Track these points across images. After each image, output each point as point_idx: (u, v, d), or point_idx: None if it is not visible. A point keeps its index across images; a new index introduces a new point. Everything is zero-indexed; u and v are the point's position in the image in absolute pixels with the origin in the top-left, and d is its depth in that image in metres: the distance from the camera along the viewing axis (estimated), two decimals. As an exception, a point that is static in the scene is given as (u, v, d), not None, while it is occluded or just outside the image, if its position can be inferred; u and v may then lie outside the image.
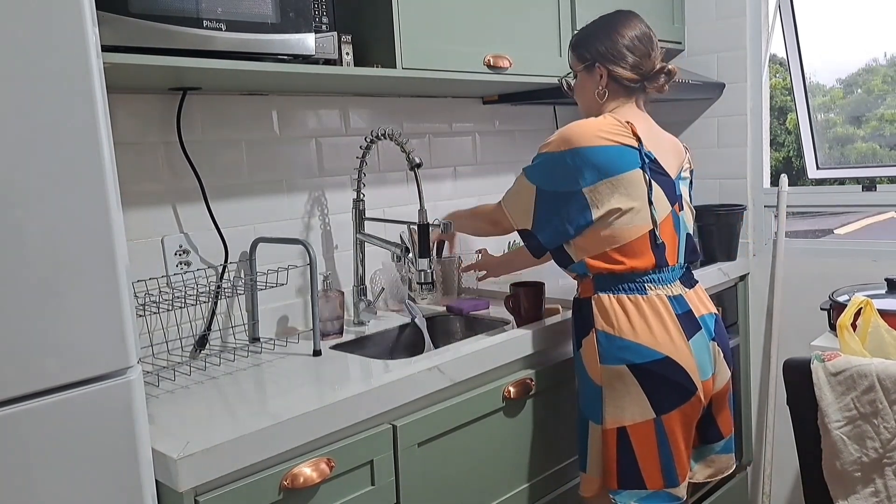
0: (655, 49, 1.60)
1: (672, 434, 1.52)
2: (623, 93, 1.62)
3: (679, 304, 1.55)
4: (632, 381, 1.51)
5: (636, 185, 1.51)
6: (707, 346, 1.56)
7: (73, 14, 0.95)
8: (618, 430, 1.53)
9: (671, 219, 1.57)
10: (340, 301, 1.82)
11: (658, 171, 1.55)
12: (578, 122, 1.55)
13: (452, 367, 1.50)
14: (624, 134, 1.53)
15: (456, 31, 1.81)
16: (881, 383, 1.56)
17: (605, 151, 1.50)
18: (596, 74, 1.62)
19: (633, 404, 1.51)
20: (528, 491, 1.70)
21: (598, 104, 1.63)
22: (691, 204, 1.68)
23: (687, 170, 1.68)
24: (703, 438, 1.66)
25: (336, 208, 1.99)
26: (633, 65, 1.58)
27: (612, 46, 1.58)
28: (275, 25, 1.44)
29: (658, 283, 1.54)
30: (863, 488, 1.61)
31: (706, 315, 1.60)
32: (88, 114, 0.97)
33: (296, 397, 1.36)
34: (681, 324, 1.52)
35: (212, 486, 1.15)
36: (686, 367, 1.51)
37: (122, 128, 1.58)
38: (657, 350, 1.50)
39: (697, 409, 1.55)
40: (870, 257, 2.31)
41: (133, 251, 1.56)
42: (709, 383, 1.57)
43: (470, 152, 2.37)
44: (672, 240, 1.57)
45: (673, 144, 1.66)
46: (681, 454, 1.54)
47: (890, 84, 2.45)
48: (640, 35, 1.59)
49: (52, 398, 0.97)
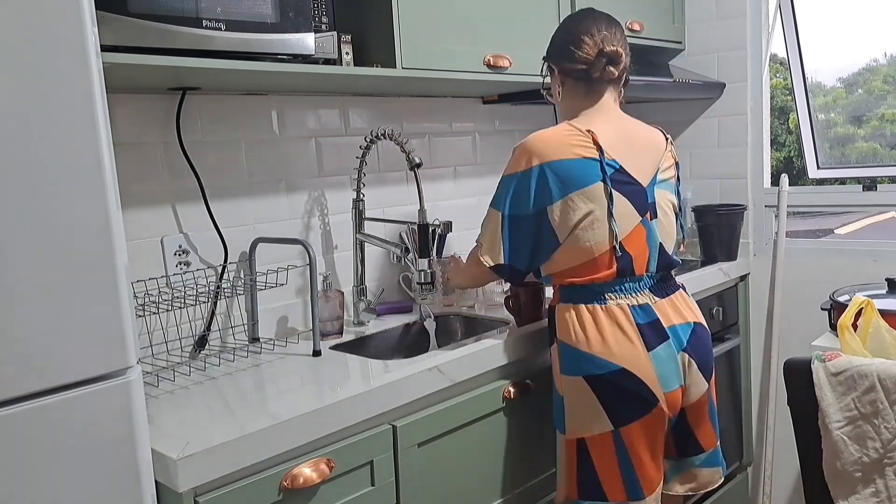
0: (598, 36, 1.53)
1: (632, 447, 1.48)
2: (582, 88, 1.57)
3: (644, 314, 1.50)
4: (588, 393, 1.48)
5: (598, 199, 1.47)
6: (674, 357, 1.50)
7: (72, 14, 0.95)
8: (577, 441, 1.51)
9: (641, 229, 1.51)
10: (340, 301, 1.82)
11: (624, 182, 1.49)
12: (537, 134, 1.52)
13: (452, 367, 1.50)
14: (583, 144, 1.48)
15: (456, 30, 1.81)
16: (882, 383, 1.56)
17: (568, 165, 1.47)
18: (555, 75, 1.62)
19: (591, 416, 1.49)
20: (529, 491, 1.70)
21: (566, 105, 1.61)
22: (678, 201, 1.63)
23: (667, 169, 1.60)
24: (681, 451, 1.61)
25: (336, 208, 1.99)
26: (579, 56, 1.54)
27: (559, 42, 1.59)
28: (274, 25, 1.44)
29: (620, 293, 1.50)
30: (863, 488, 1.61)
31: (680, 325, 1.53)
32: (88, 114, 0.97)
33: (296, 397, 1.36)
34: (642, 334, 1.47)
35: (211, 487, 1.15)
36: (644, 379, 1.46)
37: (122, 128, 1.58)
38: (612, 361, 1.46)
39: (662, 421, 1.51)
40: (870, 257, 2.31)
41: (133, 251, 1.56)
42: (675, 395, 1.51)
43: (470, 152, 2.37)
44: (641, 251, 1.51)
45: (648, 141, 1.59)
46: (644, 467, 1.50)
47: (891, 84, 2.45)
48: (585, 26, 1.55)
49: (51, 398, 0.97)
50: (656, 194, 1.55)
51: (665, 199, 1.58)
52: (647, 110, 2.60)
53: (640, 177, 1.52)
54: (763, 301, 2.53)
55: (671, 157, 1.62)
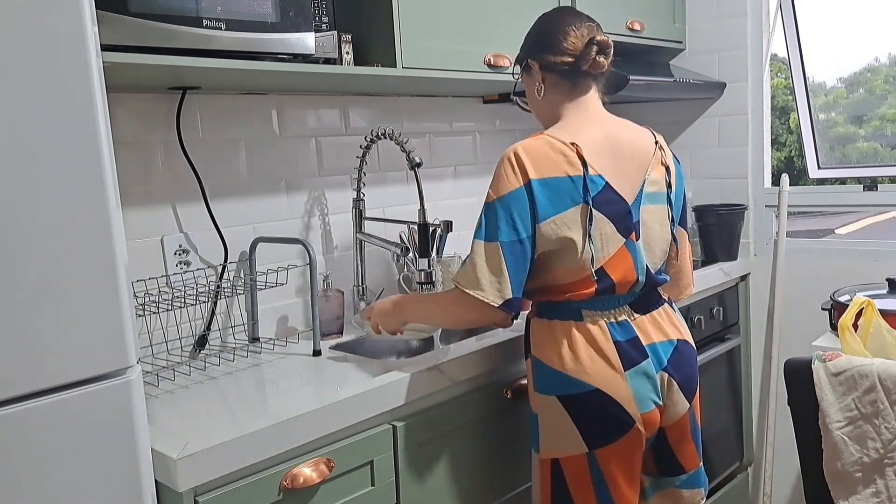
0: (583, 27, 1.44)
1: (608, 470, 1.40)
2: (566, 84, 1.45)
3: (622, 331, 1.41)
4: (562, 413, 1.40)
5: (579, 221, 1.37)
6: (652, 377, 1.41)
7: (72, 13, 0.95)
8: (552, 461, 1.43)
9: (625, 252, 1.41)
10: (340, 301, 1.82)
11: (608, 201, 1.38)
12: (524, 146, 1.38)
13: (452, 367, 1.50)
14: (566, 160, 1.36)
15: (456, 30, 1.81)
16: (882, 383, 1.56)
17: (555, 184, 1.36)
18: (532, 72, 1.49)
19: (565, 437, 1.41)
20: (529, 491, 1.70)
21: (547, 106, 1.49)
22: (672, 211, 1.49)
23: (656, 180, 1.46)
24: (661, 471, 1.53)
25: (336, 208, 1.99)
26: (565, 47, 1.42)
27: (540, 37, 1.47)
28: (274, 24, 1.44)
29: (598, 310, 1.41)
30: (864, 488, 1.61)
31: (661, 343, 1.44)
32: (88, 113, 0.97)
33: (296, 397, 1.36)
34: (619, 352, 1.39)
35: (212, 486, 1.15)
36: (620, 400, 1.37)
37: (122, 127, 1.58)
38: (587, 381, 1.37)
39: (639, 443, 1.42)
40: (871, 257, 2.31)
41: (133, 251, 1.56)
42: (652, 415, 1.42)
43: (470, 152, 2.36)
44: (625, 273, 1.41)
45: (634, 148, 1.45)
46: (621, 490, 1.42)
47: (891, 84, 2.44)
48: (568, 18, 1.46)
49: (51, 398, 0.97)
50: (641, 212, 1.44)
51: (652, 215, 1.46)
52: (648, 110, 2.60)
53: (625, 192, 1.41)
54: (763, 301, 2.53)
55: (660, 165, 1.48)
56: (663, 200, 1.48)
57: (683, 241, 1.57)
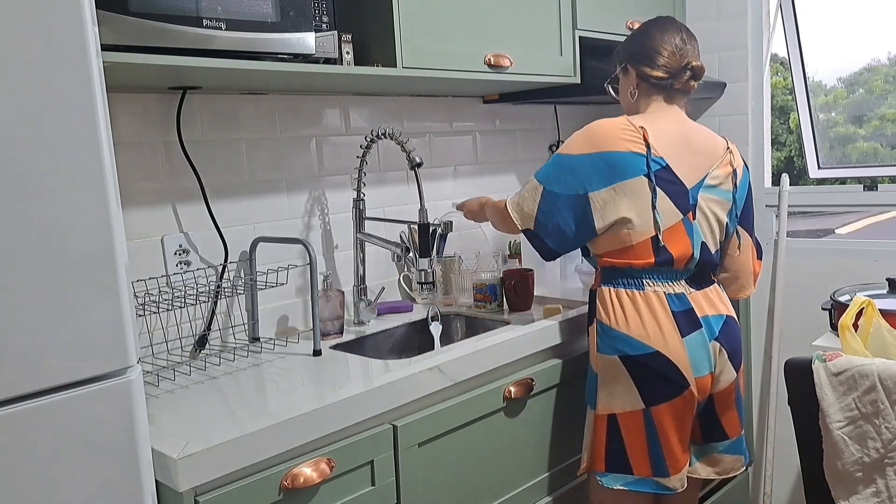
0: (685, 48, 1.63)
1: (661, 426, 1.55)
2: (656, 92, 1.64)
3: (679, 302, 1.57)
4: (623, 372, 1.55)
5: (640, 192, 1.53)
6: (705, 345, 1.57)
7: (72, 13, 0.95)
8: (608, 416, 1.59)
9: (682, 226, 1.57)
10: (340, 301, 1.81)
11: (667, 180, 1.55)
12: (597, 123, 1.57)
13: (452, 367, 1.50)
14: (633, 139, 1.54)
15: (456, 30, 1.81)
16: (882, 383, 1.56)
17: (618, 157, 1.53)
18: (629, 76, 1.67)
19: (623, 394, 1.56)
20: (528, 492, 1.70)
21: (633, 104, 1.68)
22: (732, 205, 1.64)
23: (720, 176, 1.63)
24: (706, 436, 1.68)
25: (336, 208, 1.99)
26: (662, 64, 1.61)
27: (642, 48, 1.64)
28: (275, 24, 1.44)
29: (658, 280, 1.57)
30: (864, 488, 1.61)
31: (713, 316, 1.61)
32: (88, 113, 0.97)
33: (296, 397, 1.36)
34: (676, 320, 1.55)
35: (212, 486, 1.15)
36: (677, 363, 1.53)
37: (122, 127, 1.58)
38: (648, 344, 1.53)
39: (691, 404, 1.57)
40: (871, 257, 2.31)
41: (133, 251, 1.56)
42: (705, 381, 1.59)
43: (470, 151, 2.36)
44: (682, 247, 1.57)
45: (705, 147, 1.64)
46: (672, 447, 1.57)
47: (892, 83, 2.44)
48: (670, 36, 1.62)
49: (51, 398, 0.97)
50: (700, 197, 1.60)
51: (709, 202, 1.61)
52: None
53: (685, 178, 1.58)
54: (763, 301, 2.52)
55: (728, 166, 1.65)
56: (724, 195, 1.64)
57: (746, 241, 1.73)
